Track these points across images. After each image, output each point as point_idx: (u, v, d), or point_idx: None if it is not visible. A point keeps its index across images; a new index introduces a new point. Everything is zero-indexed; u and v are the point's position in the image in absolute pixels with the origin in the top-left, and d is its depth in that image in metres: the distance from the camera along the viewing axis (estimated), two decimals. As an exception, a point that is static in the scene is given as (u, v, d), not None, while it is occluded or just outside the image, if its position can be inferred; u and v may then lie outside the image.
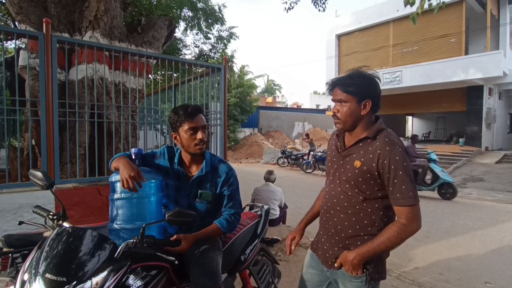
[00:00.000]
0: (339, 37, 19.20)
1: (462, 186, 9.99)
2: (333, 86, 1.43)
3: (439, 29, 14.83)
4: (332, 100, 1.44)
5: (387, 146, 1.31)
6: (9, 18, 6.92)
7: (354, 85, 1.36)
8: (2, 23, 7.09)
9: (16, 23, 3.62)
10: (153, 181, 1.62)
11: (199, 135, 1.64)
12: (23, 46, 3.31)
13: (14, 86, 2.69)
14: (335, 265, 1.44)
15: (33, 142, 3.03)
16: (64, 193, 2.74)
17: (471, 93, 15.01)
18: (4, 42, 2.80)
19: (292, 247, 1.70)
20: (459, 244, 4.61)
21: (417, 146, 16.53)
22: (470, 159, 13.19)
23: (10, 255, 1.76)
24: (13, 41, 2.84)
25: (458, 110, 16.26)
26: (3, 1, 5.59)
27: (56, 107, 2.76)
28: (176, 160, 1.74)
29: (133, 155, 1.66)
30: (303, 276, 1.69)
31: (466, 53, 14.49)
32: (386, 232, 1.33)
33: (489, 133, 15.34)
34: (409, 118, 25.54)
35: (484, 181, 10.27)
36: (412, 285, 3.31)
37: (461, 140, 15.79)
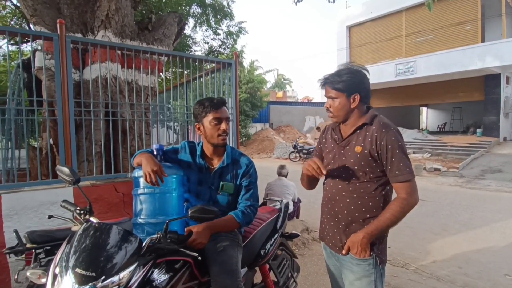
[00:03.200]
0: (349, 28, 18.85)
1: (480, 178, 9.74)
2: (323, 84, 1.55)
3: (454, 17, 14.37)
4: (325, 95, 1.56)
5: (383, 129, 1.43)
6: (23, 21, 7.09)
7: (342, 82, 1.47)
8: (18, 26, 7.26)
9: (31, 25, 3.70)
10: (175, 176, 1.66)
11: (223, 126, 1.70)
12: (39, 47, 3.38)
13: (31, 87, 2.76)
14: (343, 252, 1.51)
15: (51, 141, 3.11)
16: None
17: (488, 81, 14.53)
18: (20, 44, 2.86)
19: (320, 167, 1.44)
20: (478, 237, 4.51)
21: (432, 137, 16.27)
22: (488, 150, 12.81)
23: (33, 250, 1.83)
24: (29, 43, 2.90)
25: (475, 99, 15.79)
26: (18, 4, 5.71)
27: (72, 106, 2.82)
28: (198, 153, 1.78)
29: (154, 151, 1.69)
30: (329, 271, 1.76)
31: (483, 40, 14.01)
32: (390, 208, 1.42)
33: (507, 123, 14.83)
34: (424, 109, 24.98)
35: (503, 172, 9.97)
36: (430, 278, 3.26)
37: (478, 130, 15.35)
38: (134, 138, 3.43)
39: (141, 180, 1.60)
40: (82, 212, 1.54)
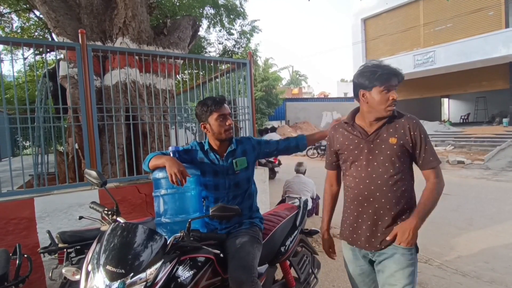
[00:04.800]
0: (365, 21, 18.47)
1: (507, 169, 9.34)
2: (396, 76, 1.47)
3: (475, 3, 13.81)
4: (389, 86, 1.45)
5: (413, 120, 1.49)
6: (47, 31, 7.41)
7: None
8: (41, 37, 7.60)
9: (54, 35, 3.88)
10: (193, 175, 1.72)
11: (228, 122, 1.81)
12: (62, 56, 3.53)
13: (57, 95, 2.90)
14: (388, 238, 1.48)
15: (77, 146, 3.25)
16: (107, 193, 2.93)
17: (514, 69, 13.87)
18: (45, 54, 3.01)
19: (334, 255, 1.83)
20: (505, 231, 4.35)
21: (455, 129, 15.70)
22: (515, 140, 12.24)
23: (65, 250, 1.94)
24: (53, 53, 3.05)
25: (500, 88, 15.12)
26: (41, 16, 5.98)
27: (94, 112, 2.94)
28: (207, 148, 1.88)
29: (171, 153, 1.76)
30: (352, 272, 1.68)
31: (507, 26, 13.36)
32: (427, 193, 1.48)
33: (536, 111, 14.14)
34: (445, 100, 24.14)
35: (532, 163, 9.53)
36: (456, 274, 3.18)
37: (504, 120, 14.68)
38: (154, 140, 3.53)
39: (162, 181, 1.67)
40: (109, 212, 1.64)
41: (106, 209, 1.67)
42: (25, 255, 1.83)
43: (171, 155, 1.75)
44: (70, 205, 2.70)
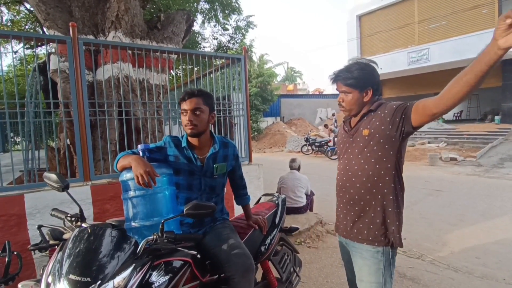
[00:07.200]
0: (360, 17, 18.48)
1: (499, 166, 9.47)
2: (335, 80, 1.59)
3: (469, 1, 13.88)
4: (337, 90, 1.61)
5: (382, 105, 1.52)
6: (37, 25, 7.27)
7: (353, 78, 1.51)
8: (32, 30, 7.45)
9: (45, 29, 3.80)
10: (165, 175, 1.60)
11: (187, 117, 1.71)
12: (53, 50, 3.46)
13: (48, 90, 2.84)
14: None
15: (68, 142, 3.20)
16: (99, 189, 2.89)
17: (507, 67, 14.01)
18: (36, 48, 2.95)
19: None
20: (496, 227, 4.41)
21: (448, 126, 15.85)
22: (507, 138, 12.40)
23: (56, 247, 1.90)
24: (44, 46, 2.98)
25: (493, 85, 15.26)
26: (32, 9, 5.86)
27: (86, 107, 2.89)
28: (184, 145, 1.77)
29: (140, 152, 1.63)
30: (343, 258, 1.80)
31: (500, 24, 13.49)
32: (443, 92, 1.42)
33: (528, 109, 14.32)
34: (438, 97, 24.36)
35: (523, 160, 9.67)
36: (448, 269, 3.22)
37: (496, 117, 14.88)
38: (148, 136, 3.49)
39: (131, 183, 1.53)
40: (73, 219, 1.49)
41: (69, 215, 1.52)
42: (15, 252, 1.79)
43: (141, 154, 1.62)
44: (61, 202, 2.66)
